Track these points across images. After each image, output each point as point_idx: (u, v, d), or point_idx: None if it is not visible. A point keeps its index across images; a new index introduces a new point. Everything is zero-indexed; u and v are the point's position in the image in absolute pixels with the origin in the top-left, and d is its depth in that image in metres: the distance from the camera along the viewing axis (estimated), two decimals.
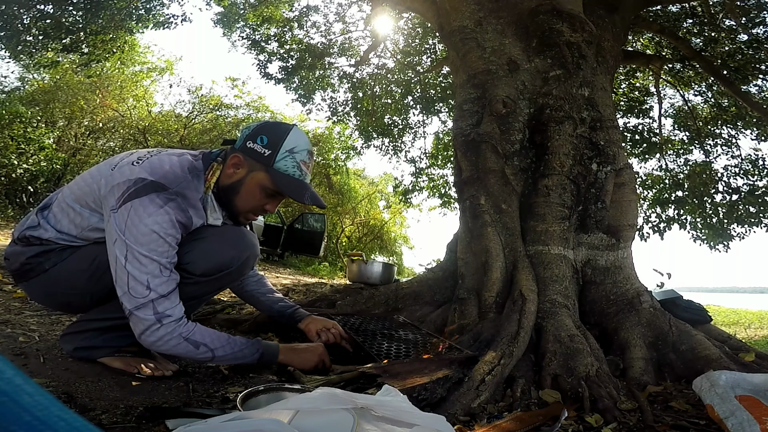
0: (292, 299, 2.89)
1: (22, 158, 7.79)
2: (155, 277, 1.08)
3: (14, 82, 10.77)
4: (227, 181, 1.23)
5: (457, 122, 2.31)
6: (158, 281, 1.08)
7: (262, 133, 1.21)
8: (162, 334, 1.09)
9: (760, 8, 4.82)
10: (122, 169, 1.13)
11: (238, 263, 1.25)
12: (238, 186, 1.23)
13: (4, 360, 0.38)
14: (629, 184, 2.14)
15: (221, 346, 1.18)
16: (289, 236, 9.05)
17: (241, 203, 1.25)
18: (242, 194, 1.23)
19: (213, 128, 11.74)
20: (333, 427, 0.72)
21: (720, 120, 5.99)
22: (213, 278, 1.22)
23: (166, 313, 1.09)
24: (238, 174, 1.22)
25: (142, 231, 1.06)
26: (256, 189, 1.22)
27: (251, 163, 1.21)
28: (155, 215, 1.07)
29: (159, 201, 1.09)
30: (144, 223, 1.06)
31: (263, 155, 1.20)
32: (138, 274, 1.07)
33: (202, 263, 1.18)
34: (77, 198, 1.17)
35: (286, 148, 1.20)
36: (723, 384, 1.15)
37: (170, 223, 1.09)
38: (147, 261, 1.07)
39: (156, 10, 6.19)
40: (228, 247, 1.23)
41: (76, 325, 1.28)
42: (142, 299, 1.07)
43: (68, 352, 1.27)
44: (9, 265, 1.23)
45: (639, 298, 1.80)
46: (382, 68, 7.19)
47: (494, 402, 1.26)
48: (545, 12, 2.33)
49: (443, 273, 2.21)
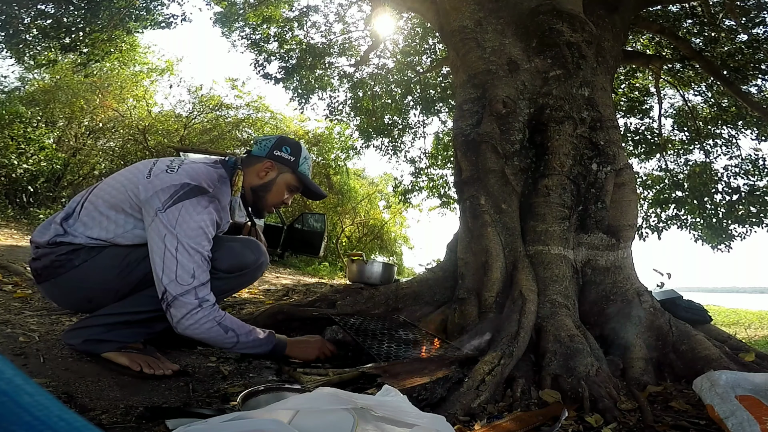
0: (292, 299, 2.89)
1: (22, 158, 7.77)
2: (199, 267, 1.25)
3: (14, 82, 10.74)
4: (258, 181, 1.51)
5: (457, 122, 2.31)
6: (200, 270, 1.25)
7: (285, 145, 1.53)
8: (200, 317, 1.23)
9: (760, 8, 4.82)
10: (160, 176, 1.31)
11: (255, 265, 1.46)
12: (270, 185, 1.51)
13: (4, 360, 0.38)
14: (629, 184, 2.14)
15: (245, 333, 1.32)
16: (289, 236, 9.03)
17: (271, 198, 1.53)
18: (273, 192, 1.52)
19: (213, 128, 11.73)
20: (333, 427, 0.72)
21: (720, 120, 5.98)
22: (234, 276, 1.40)
23: (206, 298, 1.25)
24: (269, 176, 1.51)
25: (192, 227, 1.25)
26: (284, 187, 1.53)
27: (280, 166, 1.51)
28: (203, 214, 1.27)
29: (204, 202, 1.29)
30: (194, 220, 1.26)
31: (290, 161, 1.51)
32: (186, 263, 1.23)
33: (227, 260, 1.37)
34: (111, 206, 1.31)
35: (303, 156, 1.54)
36: (723, 384, 1.15)
37: (212, 222, 1.30)
38: (194, 252, 1.25)
39: (156, 10, 6.19)
40: (249, 251, 1.44)
41: (86, 320, 1.34)
42: (187, 286, 1.23)
43: (75, 345, 1.31)
44: (36, 265, 1.32)
45: (639, 298, 1.80)
46: (382, 68, 7.19)
47: (494, 402, 1.26)
48: (545, 12, 2.33)
49: (443, 273, 2.21)
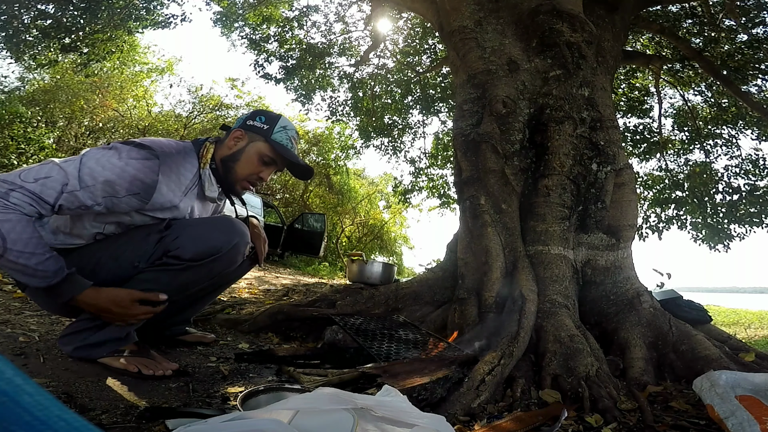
0: (292, 299, 2.89)
1: (22, 158, 7.78)
2: (49, 184, 1.07)
3: (14, 82, 10.76)
4: (228, 152, 1.36)
5: (457, 122, 2.31)
6: (43, 187, 1.06)
7: (260, 115, 1.40)
8: None
9: (760, 8, 4.82)
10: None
11: (228, 248, 1.29)
12: (238, 155, 1.35)
13: (4, 360, 0.38)
14: (629, 184, 2.14)
15: (21, 251, 1.04)
16: (289, 236, 9.04)
17: (240, 169, 1.36)
18: (242, 161, 1.35)
19: (213, 128, 11.74)
20: (333, 427, 0.72)
21: (720, 120, 5.98)
22: (203, 263, 1.26)
23: (11, 200, 1.04)
24: (239, 145, 1.36)
25: (102, 163, 1.11)
26: (254, 157, 1.36)
27: (251, 135, 1.36)
28: (126, 161, 1.13)
29: (138, 153, 1.16)
30: (110, 162, 1.12)
31: (262, 129, 1.36)
32: (44, 171, 1.08)
33: (191, 247, 1.23)
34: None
35: (281, 125, 1.38)
36: (723, 384, 1.15)
37: (134, 178, 1.14)
38: (63, 173, 1.08)
39: (155, 9, 6.19)
40: (217, 233, 1.28)
41: (74, 325, 1.29)
42: (14, 180, 1.05)
43: (69, 353, 1.27)
44: None
45: (639, 298, 1.80)
46: (382, 68, 7.19)
47: (494, 402, 1.26)
48: (545, 12, 2.33)
49: (443, 273, 2.21)
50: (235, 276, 1.62)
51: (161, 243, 1.25)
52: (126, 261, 1.25)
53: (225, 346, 1.75)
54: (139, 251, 1.25)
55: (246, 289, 3.52)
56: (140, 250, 1.25)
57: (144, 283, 1.25)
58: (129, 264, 1.25)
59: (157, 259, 1.26)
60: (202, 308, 1.85)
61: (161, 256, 1.25)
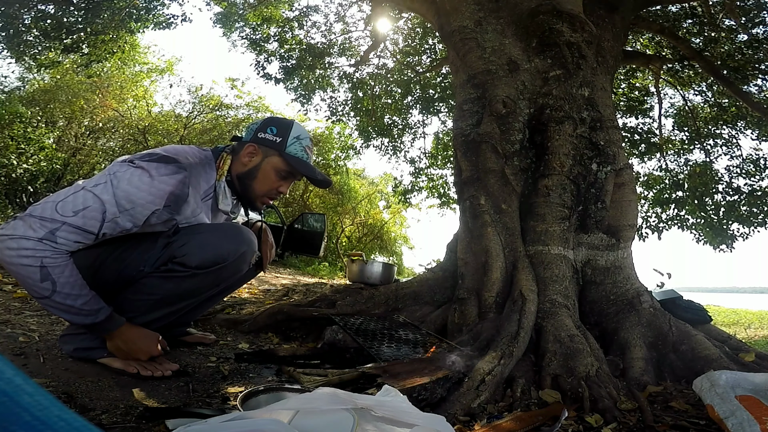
0: (292, 299, 2.89)
1: (22, 158, 7.77)
2: (89, 216, 1.07)
3: (14, 82, 10.75)
4: (243, 168, 1.35)
5: (457, 122, 2.31)
6: (83, 219, 1.06)
7: (271, 125, 1.36)
8: (26, 246, 1.01)
9: (760, 8, 4.82)
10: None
11: (235, 256, 1.28)
12: (255, 171, 1.35)
13: (4, 360, 0.38)
14: (629, 184, 2.14)
15: (67, 294, 1.07)
16: (289, 236, 9.02)
17: (258, 186, 1.36)
18: (259, 178, 1.35)
19: (213, 128, 11.71)
20: (333, 427, 0.72)
21: (720, 120, 5.98)
22: (209, 271, 1.25)
23: (56, 240, 1.04)
24: (253, 161, 1.35)
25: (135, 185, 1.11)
26: (271, 173, 1.35)
27: (265, 150, 1.35)
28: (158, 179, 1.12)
29: (168, 169, 1.15)
30: (143, 183, 1.11)
31: (275, 142, 1.34)
32: (82, 201, 1.07)
33: (198, 255, 1.22)
34: None
35: (293, 135, 1.36)
36: (723, 384, 1.15)
37: (166, 194, 1.14)
38: (101, 204, 1.08)
39: (156, 10, 6.19)
40: (224, 241, 1.26)
41: (74, 326, 1.28)
42: (54, 216, 1.04)
43: (69, 353, 1.27)
44: None
45: (639, 298, 1.80)
46: (382, 68, 7.19)
47: (494, 402, 1.26)
48: (545, 12, 2.33)
49: (443, 273, 2.21)
50: (240, 282, 1.61)
51: (168, 248, 1.24)
52: (131, 264, 1.25)
53: (225, 346, 1.75)
54: (145, 255, 1.25)
55: (246, 289, 3.52)
56: (146, 254, 1.25)
57: (147, 288, 1.25)
58: (134, 267, 1.25)
59: (162, 264, 1.25)
60: (204, 311, 1.86)
61: (167, 262, 1.24)
